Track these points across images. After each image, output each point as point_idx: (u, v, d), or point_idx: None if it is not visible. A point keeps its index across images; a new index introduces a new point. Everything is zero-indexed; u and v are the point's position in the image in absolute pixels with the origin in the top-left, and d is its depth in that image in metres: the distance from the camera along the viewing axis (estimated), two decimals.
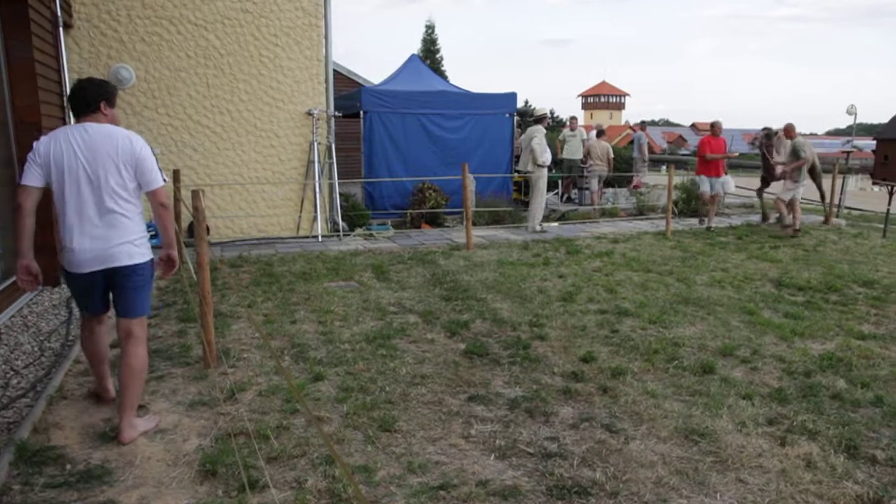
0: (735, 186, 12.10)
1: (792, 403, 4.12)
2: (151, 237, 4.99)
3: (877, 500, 3.04)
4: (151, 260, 3.65)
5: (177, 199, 7.38)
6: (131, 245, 3.50)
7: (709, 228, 11.12)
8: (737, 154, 10.79)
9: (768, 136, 11.44)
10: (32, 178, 3.35)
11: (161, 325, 5.56)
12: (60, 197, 3.40)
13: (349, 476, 1.50)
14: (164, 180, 3.65)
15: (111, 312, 3.72)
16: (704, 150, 11.31)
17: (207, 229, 9.09)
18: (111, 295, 3.63)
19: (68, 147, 3.37)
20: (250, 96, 9.56)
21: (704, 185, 11.45)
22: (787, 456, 3.45)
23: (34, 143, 3.42)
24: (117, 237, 3.45)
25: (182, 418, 3.81)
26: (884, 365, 4.79)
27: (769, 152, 11.52)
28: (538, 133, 10.57)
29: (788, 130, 11.20)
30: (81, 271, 3.46)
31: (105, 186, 3.39)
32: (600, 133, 15.06)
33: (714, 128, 11.53)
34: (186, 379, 4.39)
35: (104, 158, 3.39)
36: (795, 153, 10.45)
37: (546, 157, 10.46)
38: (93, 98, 3.48)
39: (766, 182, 12.11)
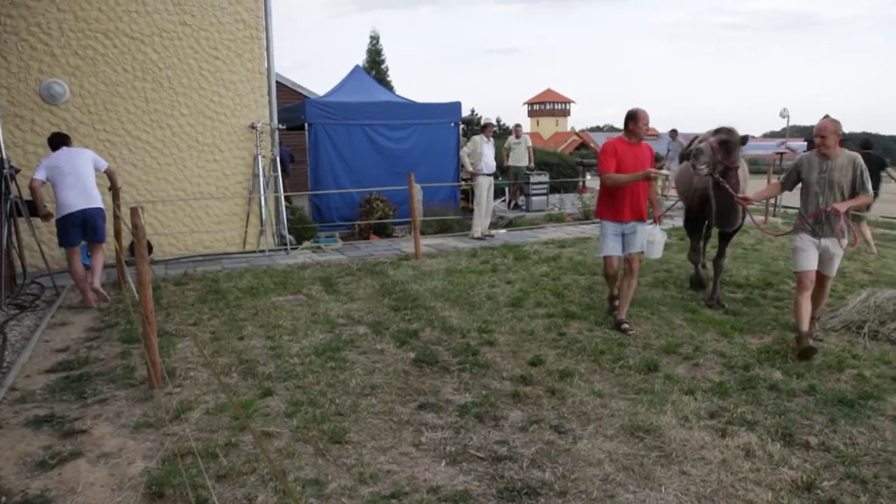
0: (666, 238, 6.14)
1: (732, 396, 4.27)
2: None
3: (810, 484, 3.18)
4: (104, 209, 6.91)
5: (116, 217, 7.21)
6: (96, 199, 6.74)
7: (623, 328, 5.65)
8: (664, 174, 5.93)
9: (727, 143, 5.73)
10: (41, 175, 6.56)
11: (103, 346, 5.42)
12: (58, 184, 6.55)
13: (291, 493, 1.50)
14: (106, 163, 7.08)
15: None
16: (607, 166, 5.54)
17: (150, 247, 8.91)
18: (86, 235, 6.75)
19: (60, 160, 6.63)
20: (191, 110, 9.40)
21: (606, 240, 5.77)
22: (727, 447, 3.57)
23: (44, 159, 6.75)
24: (89, 194, 6.67)
25: (127, 441, 3.73)
26: (816, 355, 4.99)
27: (732, 177, 5.85)
28: (471, 142, 10.78)
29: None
30: (73, 210, 6.55)
31: (84, 174, 6.67)
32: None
33: (633, 122, 5.59)
34: (131, 401, 4.29)
35: (82, 161, 6.72)
36: (862, 175, 5.09)
37: (481, 165, 10.60)
38: (69, 139, 6.89)
39: (700, 227, 7.10)
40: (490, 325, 5.84)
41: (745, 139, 5.88)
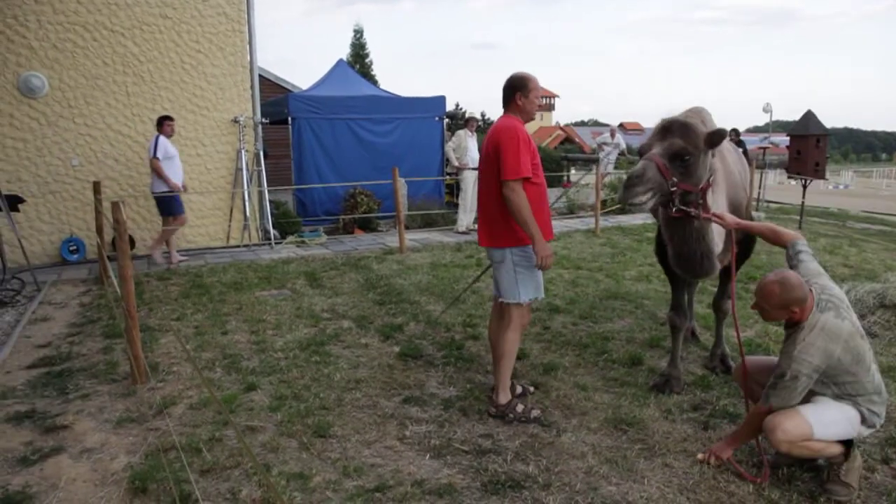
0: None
1: (714, 389, 4.31)
2: (73, 251, 6.83)
3: (790, 475, 3.23)
4: None
5: (98, 212, 7.13)
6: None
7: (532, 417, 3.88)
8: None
9: (682, 155, 3.43)
10: None
11: (85, 342, 5.36)
12: None
13: (271, 486, 1.50)
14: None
15: None
16: (525, 165, 3.60)
17: (133, 242, 8.82)
18: None
19: None
20: (173, 104, 9.31)
21: (533, 276, 3.87)
22: (709, 439, 3.60)
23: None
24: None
25: (109, 436, 3.70)
26: None
27: (697, 205, 3.55)
28: (456, 137, 10.82)
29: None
30: None
31: None
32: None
33: (522, 94, 3.80)
34: (113, 396, 4.26)
35: None
36: None
37: (467, 160, 10.63)
38: (159, 125, 8.03)
39: (681, 290, 4.45)
40: (474, 318, 5.85)
41: (719, 135, 3.45)
